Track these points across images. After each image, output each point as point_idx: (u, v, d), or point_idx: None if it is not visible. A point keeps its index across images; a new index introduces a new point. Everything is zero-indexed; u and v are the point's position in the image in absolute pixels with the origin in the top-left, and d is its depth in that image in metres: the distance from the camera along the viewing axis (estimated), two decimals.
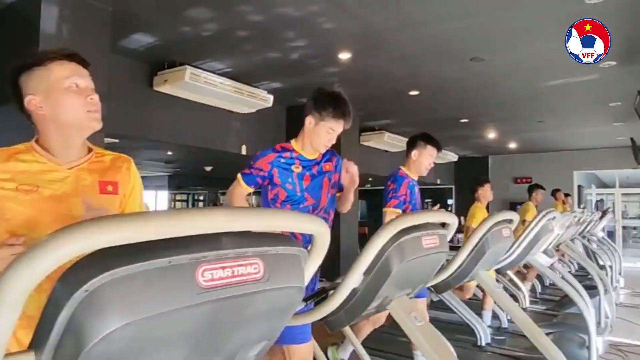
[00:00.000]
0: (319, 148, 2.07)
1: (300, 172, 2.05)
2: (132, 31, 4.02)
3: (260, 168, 2.04)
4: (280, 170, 2.02)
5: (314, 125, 2.03)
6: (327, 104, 2.00)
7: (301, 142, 2.10)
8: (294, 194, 2.03)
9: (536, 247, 3.17)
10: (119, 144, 5.21)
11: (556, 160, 11.06)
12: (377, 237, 1.45)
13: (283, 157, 2.04)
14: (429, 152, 2.87)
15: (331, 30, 3.93)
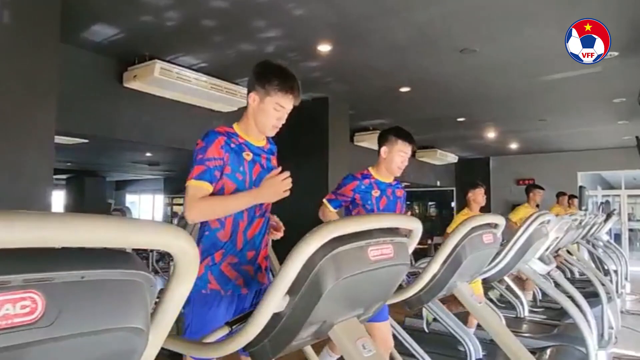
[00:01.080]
0: (266, 130, 1.74)
1: (250, 161, 1.71)
2: (90, 21, 3.73)
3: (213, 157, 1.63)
4: (232, 156, 1.65)
5: (258, 103, 1.70)
6: (273, 76, 1.68)
7: (245, 126, 1.75)
8: (243, 185, 1.68)
9: (528, 253, 2.83)
10: (89, 145, 4.93)
11: (559, 161, 10.71)
12: (299, 248, 1.13)
13: (232, 141, 1.67)
14: (400, 148, 2.48)
15: (305, 17, 3.62)
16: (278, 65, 1.74)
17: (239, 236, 1.69)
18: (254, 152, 1.74)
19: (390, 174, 2.57)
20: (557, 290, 3.05)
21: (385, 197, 2.56)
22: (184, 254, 0.75)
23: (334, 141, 6.16)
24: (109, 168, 10.02)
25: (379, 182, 2.54)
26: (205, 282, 1.67)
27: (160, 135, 4.94)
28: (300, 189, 6.64)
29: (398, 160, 2.50)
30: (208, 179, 1.60)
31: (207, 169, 1.60)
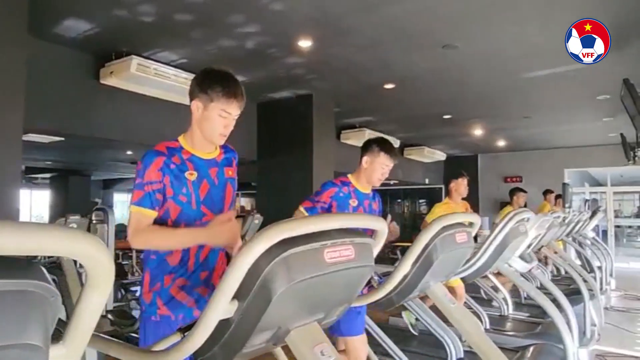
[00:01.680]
0: (214, 138, 1.63)
1: (195, 180, 1.60)
2: (62, 16, 3.63)
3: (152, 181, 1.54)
4: (172, 179, 1.56)
5: (202, 110, 1.60)
6: (215, 82, 1.59)
7: (190, 137, 1.66)
8: (189, 208, 1.59)
9: (506, 252, 2.79)
10: (65, 143, 4.82)
11: (546, 159, 10.76)
12: (244, 251, 1.07)
13: (172, 161, 1.57)
14: (382, 161, 2.42)
15: (283, 12, 3.55)
16: (221, 71, 1.64)
17: (190, 259, 1.59)
18: (201, 168, 1.63)
19: (369, 185, 2.52)
20: (535, 289, 3.01)
21: (362, 209, 2.51)
22: (95, 262, 0.69)
23: (318, 139, 6.10)
24: (92, 167, 9.88)
25: (358, 191, 2.48)
26: (154, 308, 1.59)
27: (140, 133, 4.84)
28: (284, 187, 6.60)
29: (379, 173, 2.45)
30: (148, 205, 1.54)
31: (146, 194, 1.53)
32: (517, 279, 3.13)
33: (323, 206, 2.42)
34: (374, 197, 2.59)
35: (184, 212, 1.58)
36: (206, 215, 1.62)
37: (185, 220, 1.60)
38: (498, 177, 11.57)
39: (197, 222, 1.61)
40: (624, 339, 4.95)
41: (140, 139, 4.95)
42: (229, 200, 1.70)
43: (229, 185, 1.70)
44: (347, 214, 1.40)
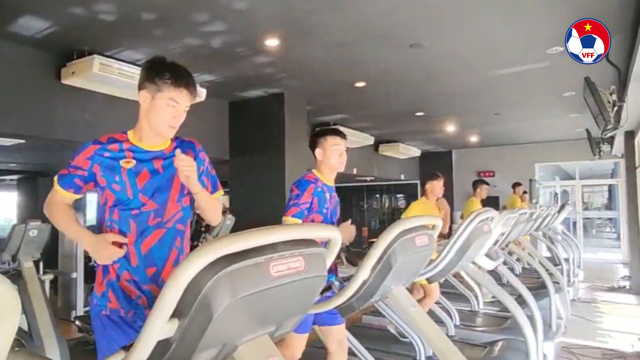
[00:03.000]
0: (162, 130, 1.61)
1: (132, 168, 1.59)
2: (15, 14, 3.48)
3: (77, 166, 1.60)
4: (103, 168, 1.58)
5: (150, 100, 1.58)
6: (163, 69, 1.57)
7: (139, 130, 1.65)
8: (124, 196, 1.58)
9: (470, 252, 2.82)
10: (27, 145, 4.66)
11: (517, 154, 10.98)
12: (180, 269, 1.04)
13: (108, 150, 1.60)
14: (332, 142, 2.42)
15: (247, 11, 3.49)
16: (170, 61, 1.63)
17: (130, 251, 1.56)
18: (141, 158, 1.60)
19: (332, 173, 2.51)
20: (497, 286, 3.05)
21: (333, 201, 2.52)
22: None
23: (291, 137, 6.06)
24: (60, 168, 9.60)
25: (327, 185, 2.50)
26: (105, 300, 1.56)
27: (104, 133, 4.70)
28: (257, 186, 6.53)
29: (336, 154, 2.43)
30: (65, 185, 1.62)
31: (68, 175, 1.62)
32: (479, 277, 3.17)
33: (307, 206, 2.38)
34: (335, 189, 2.59)
35: (118, 199, 1.57)
36: (145, 205, 1.59)
37: (119, 207, 1.58)
38: (472, 172, 11.74)
39: (134, 211, 1.58)
40: (589, 330, 5.10)
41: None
42: (176, 190, 1.65)
43: (176, 176, 1.63)
44: (296, 226, 1.37)
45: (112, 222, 1.59)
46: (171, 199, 1.63)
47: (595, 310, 6.08)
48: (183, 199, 1.67)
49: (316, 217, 2.39)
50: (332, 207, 2.49)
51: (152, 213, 1.59)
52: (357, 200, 14.44)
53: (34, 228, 3.74)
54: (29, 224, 3.73)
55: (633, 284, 7.15)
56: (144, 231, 1.58)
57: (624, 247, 9.78)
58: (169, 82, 1.55)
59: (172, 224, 1.64)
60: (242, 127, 6.36)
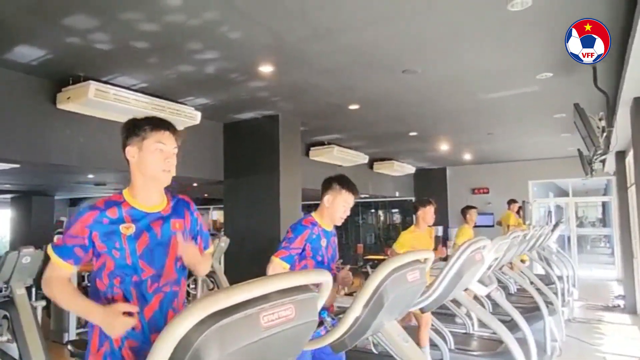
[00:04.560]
0: (159, 176, 1.61)
1: (132, 234, 1.56)
2: (11, 43, 3.52)
3: (76, 235, 1.55)
4: (103, 235, 1.55)
5: (137, 152, 1.60)
6: (140, 122, 1.62)
7: (133, 189, 1.64)
8: (124, 263, 1.56)
9: (462, 282, 2.83)
10: (22, 169, 4.66)
11: (511, 171, 11.06)
12: (169, 328, 1.05)
13: (107, 216, 1.57)
14: (344, 198, 2.45)
15: (240, 40, 3.54)
16: (145, 116, 1.67)
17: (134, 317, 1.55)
18: (140, 222, 1.59)
19: (332, 223, 2.53)
20: (487, 314, 3.06)
21: (330, 247, 2.52)
22: None
23: (285, 158, 6.08)
24: (55, 188, 9.59)
25: (325, 231, 2.48)
26: None
27: (99, 158, 4.73)
28: (252, 206, 6.51)
29: (341, 210, 2.47)
30: (64, 256, 1.56)
31: (66, 246, 1.56)
32: (470, 305, 3.17)
33: (297, 251, 2.39)
34: (334, 233, 2.61)
35: (118, 266, 1.56)
36: (144, 271, 1.58)
37: (120, 274, 1.57)
38: (466, 189, 11.81)
39: (134, 277, 1.57)
40: (585, 352, 5.09)
41: (100, 163, 4.83)
42: (173, 255, 1.65)
43: (174, 239, 1.64)
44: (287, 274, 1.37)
45: (114, 289, 1.57)
46: (168, 264, 1.63)
47: (591, 330, 6.08)
48: (179, 262, 1.67)
49: (310, 263, 2.40)
50: (328, 254, 2.49)
51: (150, 279, 1.59)
52: (352, 215, 14.36)
53: (27, 255, 3.73)
54: (22, 250, 3.71)
55: (627, 303, 7.16)
56: (144, 298, 1.57)
57: (617, 265, 9.81)
58: (148, 127, 1.60)
59: (169, 288, 1.64)
60: (236, 148, 6.39)
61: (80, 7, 2.97)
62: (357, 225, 14.61)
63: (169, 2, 2.90)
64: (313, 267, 2.39)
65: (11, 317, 3.68)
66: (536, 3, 2.97)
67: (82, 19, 3.12)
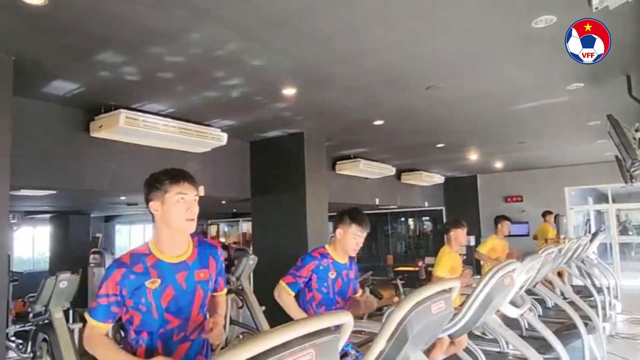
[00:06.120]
0: (183, 226, 1.66)
1: (157, 288, 1.61)
2: (48, 78, 3.71)
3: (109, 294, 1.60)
4: (130, 291, 1.60)
5: (161, 206, 1.65)
6: (161, 176, 1.67)
7: (159, 241, 1.69)
8: (149, 317, 1.60)
9: (492, 307, 2.76)
10: (58, 195, 4.86)
11: (546, 177, 10.69)
12: None
13: (133, 272, 1.61)
14: (354, 231, 2.46)
15: (263, 67, 3.60)
16: (163, 170, 1.73)
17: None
18: (166, 273, 1.64)
19: (345, 255, 2.55)
20: (517, 338, 2.96)
21: (340, 280, 2.53)
22: None
23: (311, 174, 6.11)
24: (89, 208, 9.95)
25: (336, 263, 2.51)
26: None
27: (130, 181, 4.88)
28: (279, 223, 6.55)
29: (353, 243, 2.49)
30: (101, 318, 1.61)
31: (101, 307, 1.61)
32: (500, 329, 3.08)
33: (304, 280, 2.45)
34: (350, 265, 2.60)
35: (144, 320, 1.60)
36: (170, 323, 1.62)
37: (146, 328, 1.62)
38: (498, 197, 11.50)
39: (160, 330, 1.62)
40: None
41: (131, 186, 4.99)
42: (197, 304, 1.69)
43: (199, 288, 1.69)
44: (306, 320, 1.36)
45: (140, 342, 1.62)
46: (194, 313, 1.67)
47: (636, 347, 5.78)
48: (204, 309, 1.72)
49: (316, 295, 2.45)
50: (337, 287, 2.49)
51: (176, 330, 1.63)
52: (381, 225, 14.27)
53: (64, 280, 3.87)
54: (59, 276, 3.86)
55: None
56: (170, 348, 1.62)
57: None
58: (168, 181, 1.65)
59: (196, 336, 1.68)
60: (263, 166, 6.46)
61: (110, 45, 3.11)
62: (386, 235, 14.43)
63: (192, 36, 2.99)
64: (319, 300, 2.46)
65: (50, 339, 3.82)
66: (560, 19, 2.89)
67: (111, 55, 3.26)
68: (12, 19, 2.72)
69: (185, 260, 1.69)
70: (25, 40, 3.00)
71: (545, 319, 5.39)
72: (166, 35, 2.99)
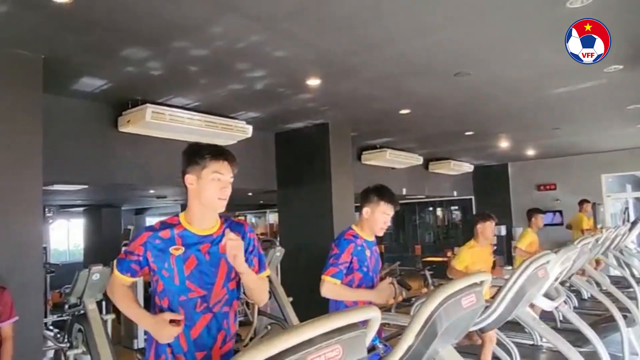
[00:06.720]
0: (214, 204, 1.67)
1: (180, 255, 1.64)
2: (77, 76, 3.78)
3: (133, 252, 1.69)
4: (155, 255, 1.65)
5: (196, 180, 1.65)
6: (201, 150, 1.67)
7: (190, 213, 1.72)
8: (171, 283, 1.64)
9: (525, 300, 2.67)
10: (90, 188, 4.98)
11: (581, 164, 10.28)
12: None
13: (160, 237, 1.66)
14: (383, 209, 2.39)
15: (287, 58, 3.56)
16: (206, 143, 1.74)
17: (180, 336, 1.61)
18: (190, 243, 1.66)
19: (372, 234, 2.50)
20: (551, 331, 2.85)
21: (373, 257, 2.50)
22: None
23: (336, 165, 6.06)
24: (121, 201, 10.20)
25: (367, 241, 2.48)
26: None
27: (158, 175, 4.95)
28: (305, 214, 6.53)
29: (381, 221, 2.42)
30: (122, 270, 1.70)
31: (124, 260, 1.71)
32: (533, 323, 2.98)
33: (346, 265, 2.39)
34: (376, 242, 2.59)
35: (166, 287, 1.64)
36: (192, 291, 1.64)
37: (168, 294, 1.65)
38: (530, 185, 11.17)
39: (181, 297, 1.63)
40: None
41: (159, 180, 5.06)
42: (222, 277, 1.69)
43: (223, 262, 1.68)
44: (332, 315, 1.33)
45: (162, 309, 1.66)
46: (217, 284, 1.67)
47: None
48: (229, 284, 1.71)
49: (356, 276, 2.39)
50: (372, 264, 2.46)
51: (199, 299, 1.63)
52: (409, 215, 14.10)
53: (97, 272, 3.97)
54: (92, 268, 3.96)
55: None
56: (192, 317, 1.62)
57: None
58: (208, 157, 1.65)
59: (218, 308, 1.67)
60: (288, 157, 6.45)
61: (135, 41, 3.14)
62: (414, 225, 14.26)
63: (215, 29, 2.98)
64: (359, 280, 2.40)
65: (85, 330, 3.93)
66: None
67: (137, 50, 3.29)
68: (40, 18, 2.77)
69: (212, 234, 1.70)
70: (53, 38, 3.06)
71: (581, 311, 5.22)
72: (190, 29, 2.99)
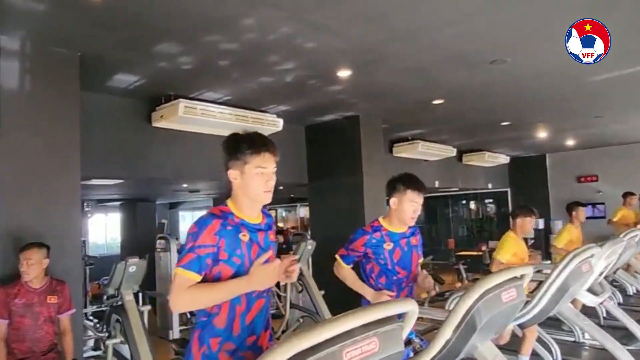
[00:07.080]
0: (261, 198, 1.66)
1: (248, 242, 1.63)
2: (111, 72, 3.86)
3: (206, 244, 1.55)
4: (228, 242, 1.58)
5: (240, 175, 1.63)
6: (242, 143, 1.62)
7: (238, 204, 1.68)
8: (242, 269, 1.60)
9: (567, 295, 2.55)
10: (125, 183, 5.11)
11: (625, 155, 9.79)
12: None
13: (229, 223, 1.61)
14: (410, 197, 2.32)
15: (317, 50, 3.52)
16: (244, 133, 1.68)
17: (236, 322, 1.61)
18: (251, 231, 1.66)
19: (402, 224, 2.43)
20: (596, 328, 2.72)
21: (399, 249, 2.43)
22: None
23: (367, 158, 5.99)
24: (155, 195, 10.43)
25: (392, 233, 2.42)
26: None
27: (191, 169, 5.02)
28: (336, 207, 6.50)
29: (409, 210, 2.34)
30: (196, 268, 1.53)
31: (197, 257, 1.53)
32: (576, 319, 2.85)
33: (357, 254, 2.43)
34: (413, 232, 2.51)
35: (236, 274, 1.59)
36: None
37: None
38: (570, 177, 10.72)
39: None
40: None
41: (192, 174, 5.13)
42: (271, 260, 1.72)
43: (271, 248, 1.72)
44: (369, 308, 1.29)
45: None
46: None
47: None
48: None
49: (375, 267, 2.40)
50: (397, 258, 2.40)
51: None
52: (441, 208, 13.85)
53: (133, 264, 4.07)
54: (129, 261, 4.07)
55: None
56: (250, 303, 1.64)
57: None
58: (249, 152, 1.61)
59: (267, 293, 1.72)
60: (319, 150, 6.42)
61: (167, 37, 3.18)
62: (447, 219, 14.00)
63: (245, 22, 2.97)
64: (378, 272, 2.40)
65: (122, 320, 4.05)
66: None
67: (169, 46, 3.33)
68: (74, 15, 2.82)
69: (260, 223, 1.72)
70: (88, 35, 3.12)
71: (626, 307, 4.98)
72: (221, 23, 2.99)
